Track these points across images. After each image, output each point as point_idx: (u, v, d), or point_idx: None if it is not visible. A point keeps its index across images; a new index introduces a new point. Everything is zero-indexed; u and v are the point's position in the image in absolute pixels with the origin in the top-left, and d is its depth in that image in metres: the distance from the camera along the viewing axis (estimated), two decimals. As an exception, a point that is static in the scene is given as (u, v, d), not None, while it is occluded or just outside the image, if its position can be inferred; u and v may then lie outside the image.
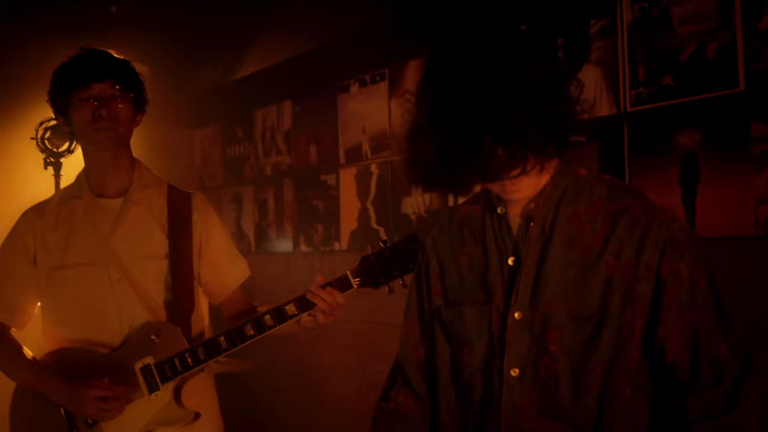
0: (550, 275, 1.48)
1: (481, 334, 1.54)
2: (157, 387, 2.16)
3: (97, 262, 2.22)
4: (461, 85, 1.39)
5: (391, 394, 1.74)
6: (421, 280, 1.73)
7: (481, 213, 1.61)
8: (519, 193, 1.51)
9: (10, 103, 4.49)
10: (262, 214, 5.09)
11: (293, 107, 4.82)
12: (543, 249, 1.50)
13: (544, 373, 1.46)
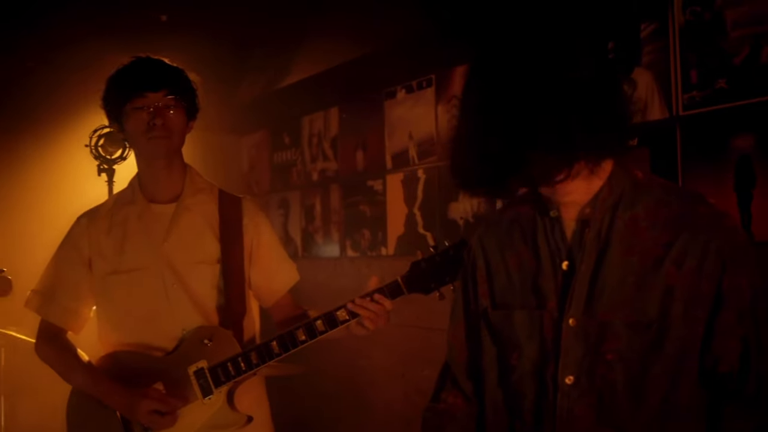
0: (607, 282, 1.45)
1: (532, 338, 1.52)
2: (211, 391, 2.18)
3: (150, 267, 2.26)
4: (505, 89, 1.38)
5: (441, 395, 1.74)
6: (468, 281, 1.71)
7: (532, 214, 1.59)
8: (570, 196, 1.49)
9: (65, 111, 4.62)
10: (309, 220, 5.13)
11: (340, 113, 4.85)
12: (599, 254, 1.47)
13: (600, 383, 1.43)
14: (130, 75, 2.25)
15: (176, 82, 2.26)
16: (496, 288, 1.63)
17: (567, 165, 1.37)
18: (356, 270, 4.69)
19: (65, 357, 2.31)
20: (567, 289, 1.48)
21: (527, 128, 1.34)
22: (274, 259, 2.42)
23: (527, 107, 1.34)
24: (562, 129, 1.33)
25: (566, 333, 1.47)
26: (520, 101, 1.35)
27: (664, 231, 1.43)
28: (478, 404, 1.67)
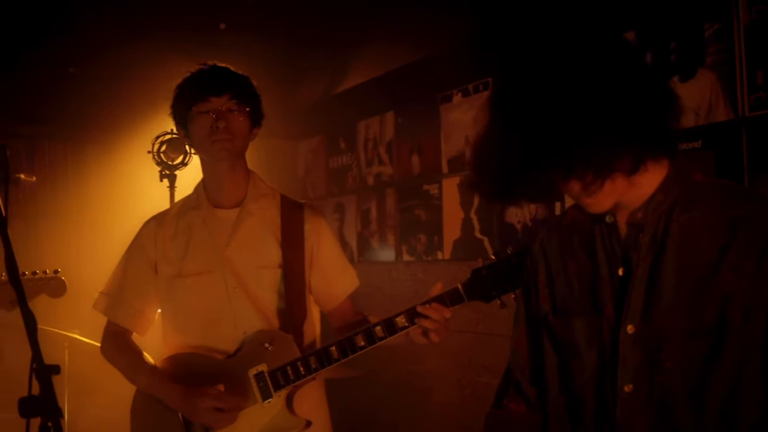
0: (664, 288, 1.42)
1: (592, 346, 1.50)
2: (270, 394, 2.20)
3: (214, 270, 2.30)
4: (535, 95, 1.36)
5: (504, 402, 1.72)
6: (530, 286, 1.70)
7: (589, 220, 1.56)
8: (598, 206, 1.45)
9: (129, 119, 4.73)
10: (365, 224, 5.15)
11: (395, 118, 4.86)
12: (654, 260, 1.44)
13: (659, 391, 1.40)
14: (195, 81, 2.31)
15: (239, 87, 2.30)
16: (556, 294, 1.62)
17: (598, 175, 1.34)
18: (412, 274, 4.69)
19: (130, 358, 2.36)
20: (624, 296, 1.46)
21: (556, 138, 1.32)
22: (335, 265, 2.44)
23: (556, 116, 1.32)
24: (591, 138, 1.31)
25: (624, 340, 1.44)
26: (548, 110, 1.33)
27: (721, 234, 1.39)
28: (542, 411, 1.65)
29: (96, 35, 4.58)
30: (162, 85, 4.04)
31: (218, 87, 2.25)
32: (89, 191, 5.16)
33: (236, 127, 2.26)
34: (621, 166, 1.36)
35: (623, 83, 1.34)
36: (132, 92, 4.93)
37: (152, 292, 2.38)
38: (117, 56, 4.80)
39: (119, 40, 4.59)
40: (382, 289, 4.79)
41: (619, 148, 1.33)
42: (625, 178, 1.39)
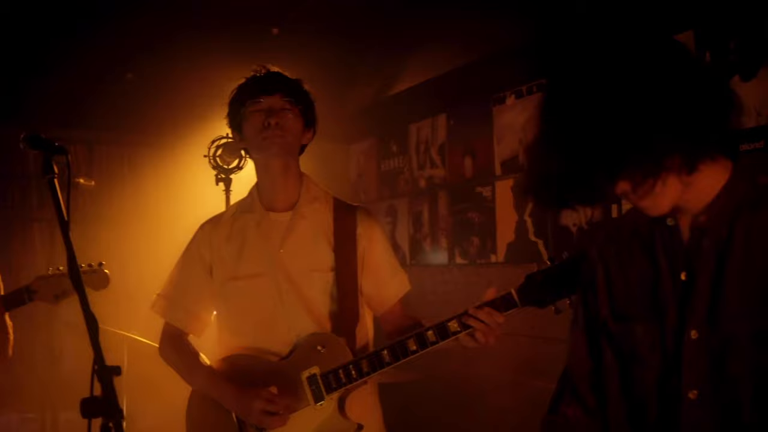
0: (729, 292, 1.38)
1: (654, 351, 1.47)
2: (323, 397, 2.21)
3: (267, 273, 2.32)
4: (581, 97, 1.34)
5: (560, 408, 1.69)
6: (588, 291, 1.67)
7: (649, 223, 1.53)
8: (655, 209, 1.42)
9: (185, 123, 4.81)
10: (417, 227, 5.14)
11: (448, 120, 4.84)
12: (718, 264, 1.40)
13: (725, 397, 1.37)
14: (248, 84, 2.36)
15: (291, 87, 2.33)
16: (616, 299, 1.59)
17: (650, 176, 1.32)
18: (465, 277, 4.66)
19: (186, 359, 2.40)
20: (687, 301, 1.43)
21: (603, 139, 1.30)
22: (387, 269, 2.43)
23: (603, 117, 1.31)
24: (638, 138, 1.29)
25: (688, 346, 1.41)
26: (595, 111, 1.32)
27: None
28: (601, 417, 1.63)
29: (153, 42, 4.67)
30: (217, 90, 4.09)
31: (270, 86, 2.30)
32: (146, 195, 5.26)
33: (287, 124, 2.29)
34: (671, 166, 1.33)
35: (669, 82, 1.32)
36: (188, 97, 5.02)
37: (207, 294, 2.41)
38: (173, 62, 4.89)
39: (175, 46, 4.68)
40: (434, 293, 4.77)
41: (667, 147, 1.30)
42: (677, 179, 1.36)
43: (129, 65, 5.13)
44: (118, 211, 5.16)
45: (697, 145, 1.33)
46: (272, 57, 2.73)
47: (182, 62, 4.83)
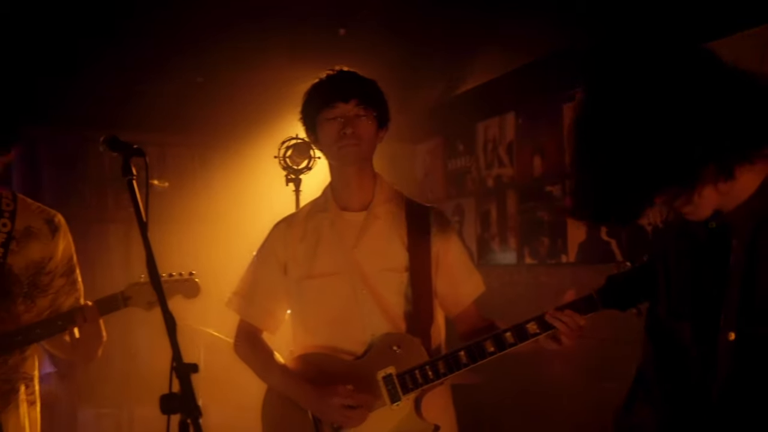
0: (759, 293, 1.39)
1: (698, 350, 1.50)
2: (399, 397, 2.20)
3: (341, 272, 2.32)
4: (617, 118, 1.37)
5: (633, 408, 1.70)
6: (655, 290, 1.68)
7: (695, 225, 1.54)
8: (695, 215, 1.44)
9: (255, 125, 4.87)
10: (485, 226, 5.10)
11: (516, 118, 4.78)
12: (751, 265, 1.41)
13: (762, 400, 1.37)
14: (323, 87, 2.34)
15: (366, 92, 2.32)
16: (672, 297, 1.62)
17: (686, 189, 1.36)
18: (534, 278, 4.60)
19: (262, 357, 2.42)
20: (723, 301, 1.45)
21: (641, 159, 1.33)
22: (461, 270, 2.41)
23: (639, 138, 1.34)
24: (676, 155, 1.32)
25: (723, 347, 1.43)
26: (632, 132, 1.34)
27: None
28: (670, 414, 1.63)
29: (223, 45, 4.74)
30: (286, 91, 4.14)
31: (345, 92, 2.28)
32: (216, 196, 5.35)
33: (363, 132, 2.29)
34: (706, 177, 1.36)
35: (697, 94, 1.34)
36: (258, 99, 5.08)
37: (282, 292, 2.43)
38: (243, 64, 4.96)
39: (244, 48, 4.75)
40: (502, 293, 4.72)
41: (700, 160, 1.33)
42: (714, 188, 1.38)
43: (199, 69, 5.22)
44: (190, 212, 5.26)
45: (732, 154, 1.35)
46: (339, 57, 2.73)
47: (251, 64, 4.90)
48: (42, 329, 2.35)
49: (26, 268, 2.41)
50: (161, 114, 5.21)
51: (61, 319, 2.36)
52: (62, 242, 2.50)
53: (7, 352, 2.33)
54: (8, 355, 2.36)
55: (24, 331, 2.34)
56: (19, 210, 2.42)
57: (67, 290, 2.52)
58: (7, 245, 2.36)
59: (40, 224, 2.46)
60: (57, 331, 2.37)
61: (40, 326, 2.35)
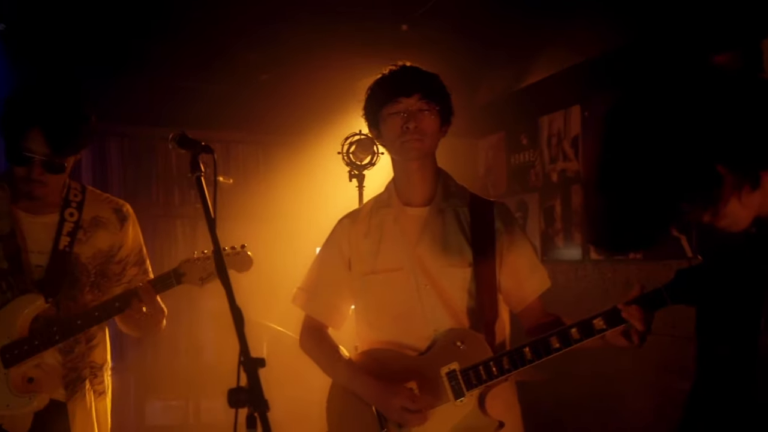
0: None
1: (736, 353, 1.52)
2: (462, 393, 2.19)
3: (404, 268, 2.32)
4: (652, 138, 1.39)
5: None
6: None
7: None
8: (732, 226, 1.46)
9: (318, 121, 4.90)
10: (549, 222, 5.02)
11: (582, 111, 4.70)
12: None
13: None
14: (385, 82, 2.34)
15: (429, 86, 2.31)
16: None
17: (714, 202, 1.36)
18: (600, 274, 4.52)
19: (327, 352, 2.43)
20: None
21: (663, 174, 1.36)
22: (526, 265, 2.39)
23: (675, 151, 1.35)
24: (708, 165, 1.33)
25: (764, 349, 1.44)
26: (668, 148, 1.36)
27: None
28: None
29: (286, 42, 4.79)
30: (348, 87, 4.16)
31: (408, 87, 2.28)
32: (280, 192, 5.40)
33: (426, 127, 2.28)
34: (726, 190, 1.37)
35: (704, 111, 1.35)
36: (320, 95, 5.11)
37: (346, 288, 2.44)
38: (306, 61, 5.00)
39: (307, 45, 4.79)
40: (567, 289, 4.64)
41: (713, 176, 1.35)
42: (737, 198, 1.38)
43: (264, 66, 5.29)
44: (253, 208, 5.32)
45: (751, 163, 1.36)
46: (402, 53, 2.73)
47: (314, 61, 4.93)
48: (100, 312, 2.40)
49: (93, 257, 2.47)
50: (226, 111, 5.29)
51: (118, 300, 2.41)
52: (131, 231, 2.57)
53: (68, 336, 2.39)
54: (74, 343, 2.43)
55: (83, 315, 2.39)
56: (87, 200, 2.49)
57: (140, 279, 2.58)
58: (74, 234, 2.43)
59: (108, 214, 2.53)
60: (115, 313, 2.41)
61: (98, 309, 2.41)
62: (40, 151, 2.27)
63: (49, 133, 2.25)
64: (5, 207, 2.39)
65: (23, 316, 2.35)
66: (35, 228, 2.42)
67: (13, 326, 2.33)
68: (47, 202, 2.42)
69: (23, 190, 2.36)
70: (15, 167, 2.32)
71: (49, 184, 2.36)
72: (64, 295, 2.41)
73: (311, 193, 5.06)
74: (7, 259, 2.36)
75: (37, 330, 2.36)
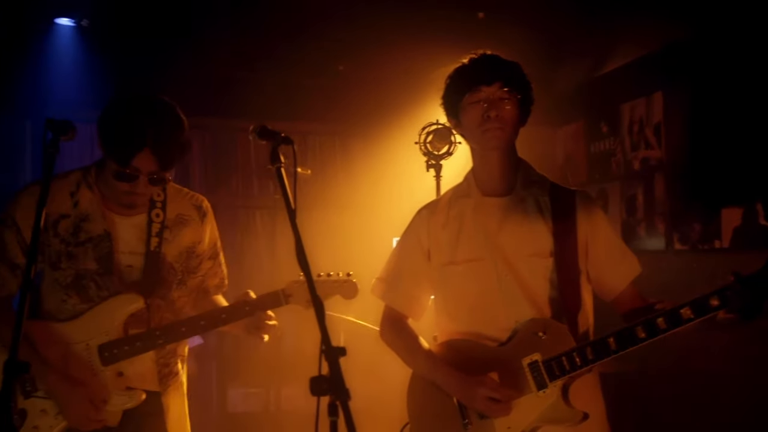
0: None
1: None
2: (545, 384, 2.16)
3: (484, 258, 2.29)
4: None
5: None
6: None
7: None
8: None
9: (394, 111, 4.90)
10: (630, 211, 4.91)
11: (665, 98, 4.56)
12: None
13: None
14: (466, 71, 2.32)
15: (510, 75, 2.28)
16: None
17: None
18: (684, 264, 4.39)
19: (408, 342, 2.43)
20: None
21: None
22: (612, 253, 2.34)
23: None
24: None
25: None
26: None
27: None
28: None
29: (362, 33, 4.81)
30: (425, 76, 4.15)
31: (489, 76, 2.25)
32: (357, 182, 5.42)
33: (507, 116, 2.25)
34: None
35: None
36: (397, 85, 5.12)
37: (425, 278, 2.43)
38: (382, 52, 5.01)
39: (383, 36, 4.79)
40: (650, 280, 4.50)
41: None
42: None
43: (340, 58, 5.32)
44: (331, 199, 5.36)
45: None
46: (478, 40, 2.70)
47: (390, 51, 4.93)
48: (206, 321, 2.45)
49: (179, 255, 2.52)
50: (304, 102, 5.35)
51: (225, 312, 2.46)
52: (209, 227, 2.61)
53: (172, 342, 2.45)
54: None
55: (188, 322, 2.45)
56: (169, 199, 2.53)
57: (213, 272, 2.65)
58: (161, 234, 2.47)
59: (190, 210, 2.57)
60: (220, 324, 2.46)
61: (204, 318, 2.46)
62: (148, 170, 2.30)
63: (159, 153, 2.27)
64: (98, 209, 2.43)
65: (121, 315, 2.39)
66: (125, 229, 2.45)
67: (111, 325, 2.38)
68: None
69: (124, 201, 2.39)
70: (116, 182, 2.33)
71: (148, 195, 2.42)
72: (156, 294, 2.47)
73: (388, 183, 5.07)
74: (96, 260, 2.40)
75: (138, 333, 2.39)
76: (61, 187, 2.41)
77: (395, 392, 2.60)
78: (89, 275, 2.40)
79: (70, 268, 2.39)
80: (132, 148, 2.26)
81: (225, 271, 2.68)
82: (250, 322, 2.47)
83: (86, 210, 2.42)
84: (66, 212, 2.41)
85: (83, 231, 2.41)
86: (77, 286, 2.40)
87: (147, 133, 2.26)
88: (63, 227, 2.40)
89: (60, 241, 2.39)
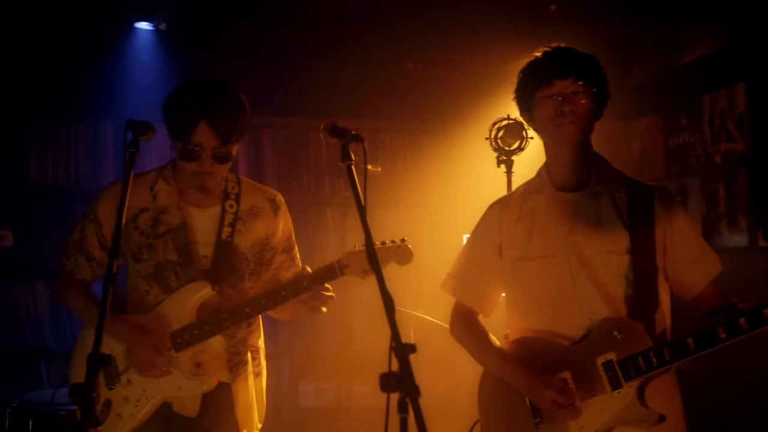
0: None
1: None
2: (620, 384, 2.11)
3: (558, 254, 2.25)
4: None
5: None
6: None
7: None
8: None
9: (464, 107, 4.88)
10: (711, 207, 4.75)
11: (748, 89, 4.40)
12: None
13: None
14: (539, 65, 2.27)
15: (584, 68, 2.23)
16: None
17: None
18: (769, 262, 4.23)
19: (478, 339, 2.41)
20: None
21: None
22: (692, 251, 2.27)
23: None
24: None
25: None
26: None
27: None
28: None
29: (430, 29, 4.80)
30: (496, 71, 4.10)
31: (563, 69, 2.21)
32: (428, 179, 5.42)
33: (582, 110, 2.20)
34: None
35: None
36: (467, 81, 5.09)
37: (497, 274, 2.40)
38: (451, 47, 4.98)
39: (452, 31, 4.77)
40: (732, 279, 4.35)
41: None
42: None
43: (408, 54, 5.32)
44: (402, 195, 5.36)
45: None
46: (550, 34, 2.65)
47: (460, 47, 4.91)
48: (267, 300, 2.49)
49: (252, 246, 2.58)
50: (373, 100, 5.36)
51: (285, 290, 2.49)
52: (282, 220, 2.66)
53: (237, 323, 2.50)
54: (236, 328, 2.53)
55: (251, 302, 2.50)
56: (243, 191, 2.60)
57: (287, 265, 2.68)
58: (234, 225, 2.54)
59: (263, 203, 2.63)
60: (281, 302, 2.49)
61: (264, 297, 2.50)
62: (209, 144, 2.38)
63: (216, 124, 2.36)
64: (174, 201, 2.52)
65: (192, 302, 2.47)
66: (201, 220, 2.53)
67: (183, 312, 2.46)
68: (212, 194, 2.54)
69: (195, 183, 2.47)
70: (184, 164, 2.43)
71: (217, 175, 2.48)
72: (227, 282, 2.52)
73: (459, 179, 5.04)
74: (176, 250, 2.49)
75: (205, 316, 2.47)
76: (141, 182, 2.52)
77: (465, 389, 2.58)
78: (170, 266, 2.49)
79: (151, 259, 2.49)
80: (189, 122, 2.36)
81: (300, 266, 2.71)
82: (309, 296, 2.48)
83: (164, 202, 2.52)
84: (146, 206, 2.51)
85: (162, 223, 2.51)
86: (158, 277, 2.49)
87: (202, 106, 2.36)
88: (143, 220, 2.50)
89: (140, 233, 2.50)
